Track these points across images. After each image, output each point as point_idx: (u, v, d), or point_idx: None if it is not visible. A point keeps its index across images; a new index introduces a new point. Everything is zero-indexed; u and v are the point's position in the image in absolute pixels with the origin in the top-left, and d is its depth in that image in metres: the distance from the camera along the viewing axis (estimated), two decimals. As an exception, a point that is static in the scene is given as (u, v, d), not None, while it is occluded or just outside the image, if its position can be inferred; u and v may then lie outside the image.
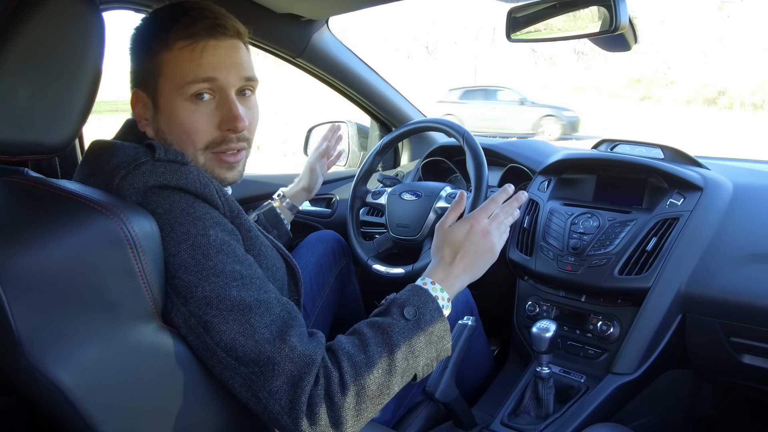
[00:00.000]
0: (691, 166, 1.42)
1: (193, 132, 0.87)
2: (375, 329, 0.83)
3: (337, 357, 0.78)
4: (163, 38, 0.84)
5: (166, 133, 0.88)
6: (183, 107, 0.86)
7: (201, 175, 0.82)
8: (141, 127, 0.90)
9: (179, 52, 0.84)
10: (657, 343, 1.24)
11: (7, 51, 0.68)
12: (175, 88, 0.85)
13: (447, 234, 0.98)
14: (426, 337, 0.84)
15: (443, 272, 0.94)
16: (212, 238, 0.77)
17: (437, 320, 0.87)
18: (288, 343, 0.75)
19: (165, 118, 0.87)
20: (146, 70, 0.87)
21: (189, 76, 0.84)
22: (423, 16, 25.13)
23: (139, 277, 0.69)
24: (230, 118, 0.87)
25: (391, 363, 0.80)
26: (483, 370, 1.46)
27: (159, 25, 0.86)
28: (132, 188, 0.77)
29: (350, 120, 2.10)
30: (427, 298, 0.88)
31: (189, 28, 0.84)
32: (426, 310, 0.86)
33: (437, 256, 0.97)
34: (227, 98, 0.87)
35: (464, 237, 0.96)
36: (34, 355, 0.62)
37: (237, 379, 0.75)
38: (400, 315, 0.84)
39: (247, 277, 0.78)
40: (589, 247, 1.33)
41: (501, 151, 1.72)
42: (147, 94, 0.89)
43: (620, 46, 1.17)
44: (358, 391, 0.77)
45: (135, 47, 0.89)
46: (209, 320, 0.74)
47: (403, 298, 0.87)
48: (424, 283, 0.91)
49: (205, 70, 0.84)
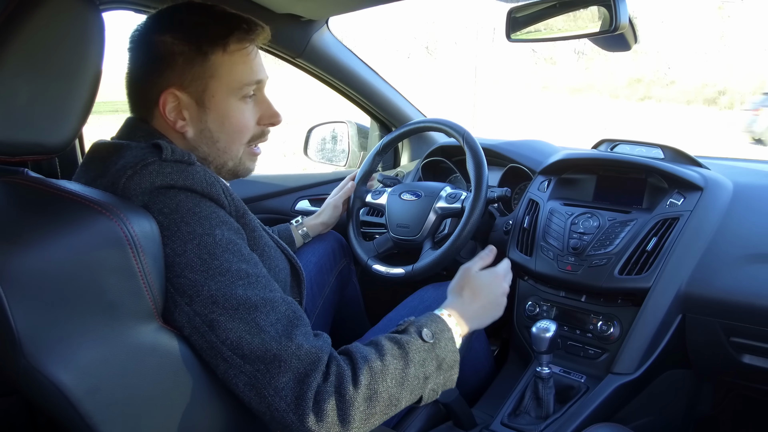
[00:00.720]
0: (692, 166, 1.42)
1: (245, 129, 0.95)
2: (393, 342, 0.85)
3: (353, 358, 0.80)
4: (220, 43, 0.88)
5: (215, 131, 0.92)
6: (237, 107, 0.92)
7: (208, 175, 0.82)
8: (178, 129, 0.90)
9: (234, 56, 0.90)
10: (657, 343, 1.23)
11: (7, 51, 0.68)
12: (231, 89, 0.91)
13: (472, 278, 1.06)
14: (437, 362, 0.87)
15: (460, 310, 0.99)
16: (218, 238, 0.78)
17: (450, 350, 0.90)
18: (294, 341, 0.75)
19: (216, 117, 0.91)
20: (194, 71, 0.88)
21: (245, 78, 0.92)
22: (423, 16, 25.13)
23: (139, 277, 0.70)
24: (272, 113, 0.98)
25: (404, 376, 0.82)
26: (483, 370, 1.46)
27: (215, 29, 0.89)
28: (139, 188, 0.77)
29: (350, 120, 2.10)
30: (444, 327, 0.92)
31: (248, 34, 0.91)
32: (442, 337, 0.90)
33: (457, 294, 1.04)
34: (264, 97, 0.97)
35: (486, 286, 1.05)
36: (34, 356, 0.62)
37: (241, 378, 0.75)
38: (418, 335, 0.87)
39: (253, 276, 0.78)
40: (589, 247, 1.33)
41: (501, 151, 1.72)
42: (190, 95, 0.89)
43: (620, 46, 1.17)
44: (370, 395, 0.78)
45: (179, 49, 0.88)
46: (215, 319, 0.74)
47: (422, 322, 0.91)
48: (441, 314, 0.95)
49: (256, 72, 0.93)
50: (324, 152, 2.13)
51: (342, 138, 2.09)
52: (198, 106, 0.90)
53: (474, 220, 1.37)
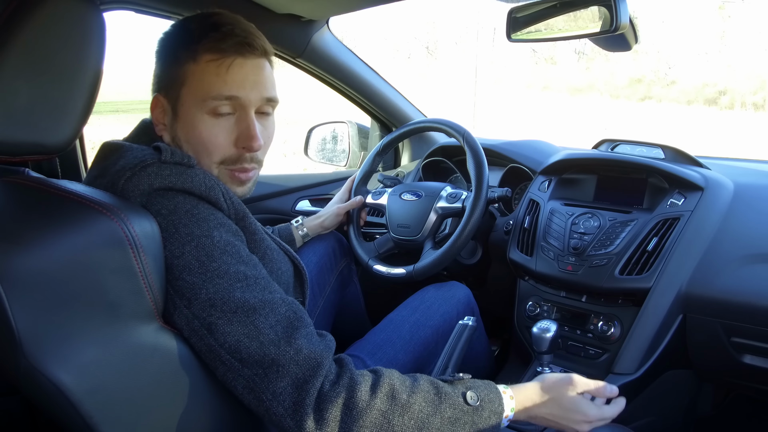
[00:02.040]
0: (692, 166, 1.42)
1: (211, 145, 0.88)
2: (432, 386, 0.82)
3: (381, 379, 0.78)
4: (192, 49, 0.85)
5: (182, 141, 0.89)
6: (203, 120, 0.87)
7: (207, 178, 0.82)
8: (158, 131, 0.91)
9: (206, 66, 0.85)
10: (658, 344, 1.23)
11: (8, 51, 0.68)
12: (197, 101, 0.86)
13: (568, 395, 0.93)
14: (471, 427, 0.82)
15: (531, 404, 0.91)
16: (216, 240, 0.77)
17: (492, 423, 0.85)
18: (293, 345, 0.75)
19: (183, 127, 0.88)
20: (170, 77, 0.87)
21: (213, 91, 0.85)
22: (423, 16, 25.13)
23: (139, 278, 0.69)
24: (247, 136, 0.88)
25: (426, 423, 0.78)
26: (484, 370, 1.46)
27: (188, 35, 0.86)
28: (137, 189, 0.77)
29: (350, 120, 2.10)
30: (496, 400, 0.86)
31: (219, 43, 0.84)
32: (488, 407, 0.84)
33: (544, 389, 0.94)
34: (247, 116, 0.88)
35: (575, 411, 0.93)
36: (34, 356, 0.62)
37: (240, 381, 0.74)
38: (461, 395, 0.83)
39: (252, 278, 0.78)
40: (589, 247, 1.33)
41: (501, 151, 1.72)
42: (167, 101, 0.89)
43: (621, 45, 1.17)
44: (382, 422, 0.75)
45: (161, 52, 0.89)
46: (213, 322, 0.74)
47: (475, 384, 0.86)
48: (504, 391, 0.89)
49: (229, 87, 0.85)
50: (324, 152, 2.13)
51: (342, 138, 2.09)
52: (173, 113, 0.89)
53: (475, 220, 1.37)
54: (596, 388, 0.96)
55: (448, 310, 1.32)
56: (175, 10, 1.37)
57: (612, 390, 0.97)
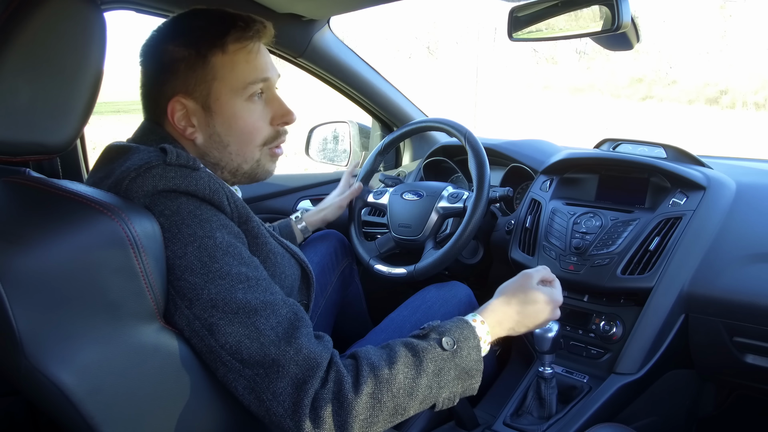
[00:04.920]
0: (694, 166, 1.42)
1: (255, 130, 0.92)
2: (408, 349, 0.82)
3: (359, 363, 0.78)
4: (218, 44, 0.87)
5: (224, 135, 0.90)
6: (244, 108, 0.90)
7: (212, 181, 0.82)
8: (188, 136, 0.90)
9: (234, 55, 0.88)
10: (660, 343, 1.23)
11: (8, 51, 0.68)
12: (236, 90, 0.89)
13: (529, 287, 0.97)
14: (456, 370, 0.84)
15: (500, 316, 0.94)
16: (219, 241, 0.77)
17: (473, 359, 0.86)
18: (293, 346, 0.75)
19: (223, 120, 0.90)
20: (196, 76, 0.87)
21: (250, 77, 0.89)
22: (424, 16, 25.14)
23: (140, 278, 0.69)
24: (284, 112, 0.94)
25: (414, 386, 0.79)
26: (485, 370, 1.45)
27: (213, 29, 0.88)
28: (141, 191, 0.77)
29: (351, 120, 2.10)
30: (470, 335, 0.88)
31: (245, 32, 0.88)
32: (465, 345, 0.86)
33: (506, 296, 0.97)
34: (275, 95, 0.94)
35: (539, 301, 0.96)
36: (35, 356, 0.62)
37: (240, 381, 0.74)
38: (437, 343, 0.83)
39: (253, 279, 0.78)
40: (591, 247, 1.32)
41: (503, 151, 1.72)
42: (194, 101, 0.88)
43: (622, 44, 1.17)
44: (372, 403, 0.76)
45: (177, 56, 0.88)
46: (214, 323, 0.74)
47: (445, 327, 0.87)
48: (473, 320, 0.91)
49: (261, 70, 0.90)
50: (325, 152, 2.12)
51: (343, 138, 2.09)
52: (204, 111, 0.89)
53: (476, 220, 1.37)
54: (545, 270, 1.02)
55: (450, 311, 1.32)
56: (175, 10, 1.37)
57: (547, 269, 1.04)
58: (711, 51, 18.87)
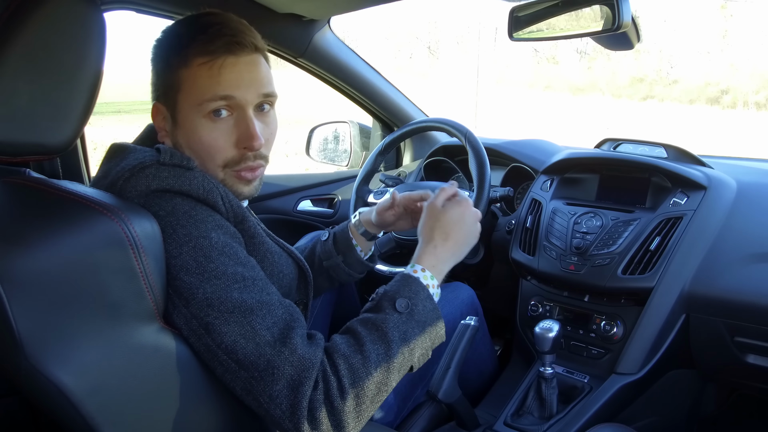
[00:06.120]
0: (695, 165, 1.41)
1: (212, 149, 0.86)
2: (369, 327, 0.82)
3: (334, 360, 0.78)
4: (182, 54, 0.83)
5: (185, 147, 0.87)
6: (201, 124, 0.85)
7: (206, 181, 0.82)
8: (160, 138, 0.90)
9: (198, 69, 0.83)
10: (661, 343, 1.23)
11: (8, 51, 0.68)
12: (193, 105, 0.84)
13: (440, 214, 0.96)
14: (420, 327, 0.84)
15: (433, 257, 0.93)
16: (214, 241, 0.77)
17: (429, 309, 0.86)
18: (288, 347, 0.75)
19: (184, 133, 0.87)
20: (165, 85, 0.86)
21: (207, 93, 0.83)
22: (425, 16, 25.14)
23: (140, 278, 0.69)
24: (247, 136, 0.85)
25: (388, 360, 0.79)
26: (486, 370, 1.45)
27: (177, 40, 0.85)
28: (135, 191, 0.77)
29: (352, 120, 2.10)
30: (418, 288, 0.87)
31: (207, 45, 0.82)
32: (418, 300, 0.85)
33: (427, 239, 0.95)
34: (245, 116, 0.86)
35: (457, 221, 0.96)
36: (35, 356, 0.62)
37: (238, 383, 0.75)
38: (392, 309, 0.83)
39: (249, 279, 0.78)
40: (592, 247, 1.32)
41: (503, 151, 1.72)
42: (166, 108, 0.88)
43: (623, 44, 1.17)
44: (357, 394, 0.76)
45: (155, 60, 0.88)
46: (210, 322, 0.74)
47: (393, 290, 0.86)
48: (414, 271, 0.90)
49: (223, 87, 0.83)
50: (326, 152, 2.13)
51: (344, 138, 2.09)
52: (172, 120, 0.88)
53: (476, 220, 1.36)
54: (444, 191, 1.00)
55: (452, 311, 1.32)
56: (175, 10, 1.37)
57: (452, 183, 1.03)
58: (712, 51, 18.86)
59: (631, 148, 1.54)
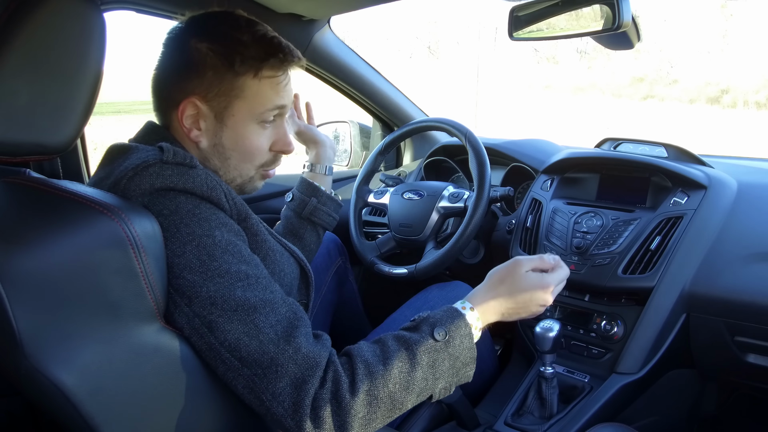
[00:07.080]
0: (695, 165, 1.41)
1: (257, 153, 0.94)
2: (400, 343, 0.82)
3: (353, 362, 0.78)
4: (254, 66, 0.87)
5: (228, 148, 0.91)
6: (254, 130, 0.91)
7: (209, 179, 0.82)
8: (192, 138, 0.90)
9: (266, 81, 0.89)
10: (661, 343, 1.23)
11: (8, 51, 0.68)
12: (253, 113, 0.90)
13: (518, 275, 0.94)
14: (451, 360, 0.84)
15: (487, 305, 0.92)
16: (218, 239, 0.77)
17: (466, 347, 0.86)
18: (292, 345, 0.75)
19: (231, 135, 0.90)
20: (220, 87, 0.87)
21: (269, 104, 0.90)
22: (425, 16, 25.14)
23: (140, 278, 0.69)
24: (285, 143, 0.97)
25: (409, 380, 0.79)
26: (486, 370, 1.45)
27: (246, 50, 0.87)
28: (138, 189, 0.77)
29: (352, 120, 2.10)
30: (461, 323, 0.87)
31: (281, 64, 0.90)
32: (457, 334, 0.85)
33: (494, 285, 0.95)
34: (282, 124, 0.96)
35: (528, 291, 0.94)
36: (35, 356, 0.62)
37: (240, 381, 0.75)
38: (429, 334, 0.83)
39: (253, 277, 0.78)
40: (592, 247, 1.32)
41: (504, 150, 1.72)
42: (209, 107, 0.88)
43: (623, 44, 1.16)
44: (369, 400, 0.76)
45: (211, 61, 0.87)
46: (214, 320, 0.74)
47: (435, 318, 0.86)
48: (463, 308, 0.90)
49: (281, 99, 0.92)
50: (326, 152, 2.12)
51: (344, 138, 2.09)
52: (216, 120, 0.89)
53: (477, 220, 1.37)
54: (539, 260, 0.97)
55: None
56: (176, 10, 1.37)
57: (554, 258, 1.00)
58: (712, 50, 18.86)
59: (631, 147, 1.54)
